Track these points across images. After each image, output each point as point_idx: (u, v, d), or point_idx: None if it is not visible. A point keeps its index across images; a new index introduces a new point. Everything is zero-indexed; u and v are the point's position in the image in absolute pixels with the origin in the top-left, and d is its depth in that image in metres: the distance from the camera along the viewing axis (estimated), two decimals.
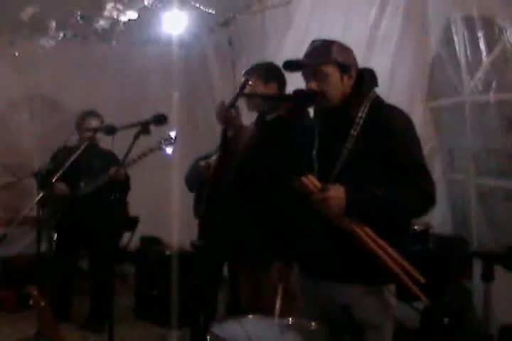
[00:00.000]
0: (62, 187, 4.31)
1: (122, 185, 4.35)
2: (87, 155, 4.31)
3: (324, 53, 2.22)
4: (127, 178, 4.38)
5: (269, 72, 2.96)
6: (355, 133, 2.11)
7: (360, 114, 2.14)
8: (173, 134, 4.09)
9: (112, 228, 4.33)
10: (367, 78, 2.24)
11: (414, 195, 2.02)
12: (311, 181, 2.05)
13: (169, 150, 4.13)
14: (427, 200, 2.06)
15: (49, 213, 4.46)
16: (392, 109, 2.19)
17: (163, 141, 4.14)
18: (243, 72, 3.02)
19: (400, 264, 1.99)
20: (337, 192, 1.99)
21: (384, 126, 2.09)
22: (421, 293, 1.96)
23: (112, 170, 4.09)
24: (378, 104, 2.19)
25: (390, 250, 1.99)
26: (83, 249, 4.61)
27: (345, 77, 2.19)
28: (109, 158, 4.35)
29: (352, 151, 2.10)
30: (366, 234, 2.00)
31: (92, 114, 4.48)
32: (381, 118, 2.12)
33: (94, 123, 4.39)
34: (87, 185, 4.36)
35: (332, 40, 2.27)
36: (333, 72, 2.20)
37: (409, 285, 1.96)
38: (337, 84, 2.19)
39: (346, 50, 2.24)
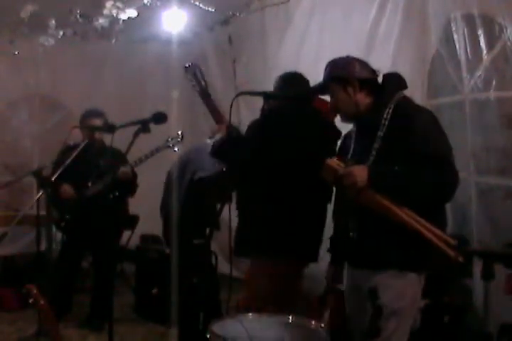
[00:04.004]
0: (67, 190, 4.30)
1: (130, 184, 4.34)
2: (93, 154, 4.31)
3: (326, 73, 2.50)
4: (135, 177, 4.37)
5: None
6: (382, 134, 2.32)
7: (385, 116, 2.33)
8: (180, 132, 4.11)
9: (114, 227, 4.33)
10: (389, 83, 2.43)
11: (431, 177, 2.16)
12: (335, 162, 2.31)
13: (177, 148, 4.14)
14: (444, 184, 2.19)
15: (50, 212, 4.46)
16: (417, 108, 2.40)
17: (170, 139, 4.14)
18: None
19: (431, 230, 2.13)
20: (360, 167, 2.22)
21: (407, 124, 2.26)
22: (452, 252, 2.08)
23: (121, 170, 4.08)
24: (404, 104, 2.37)
25: (417, 217, 2.15)
26: (87, 249, 4.58)
27: (350, 89, 2.40)
28: (117, 156, 4.31)
29: (379, 150, 2.31)
30: (391, 204, 2.17)
31: (95, 112, 4.45)
32: (405, 118, 2.29)
33: (97, 122, 4.36)
34: (94, 184, 4.32)
35: (338, 57, 2.49)
36: (336, 89, 2.45)
37: (442, 247, 2.09)
38: (344, 98, 2.43)
39: (349, 63, 2.43)
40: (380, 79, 2.47)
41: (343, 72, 2.42)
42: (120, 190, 4.24)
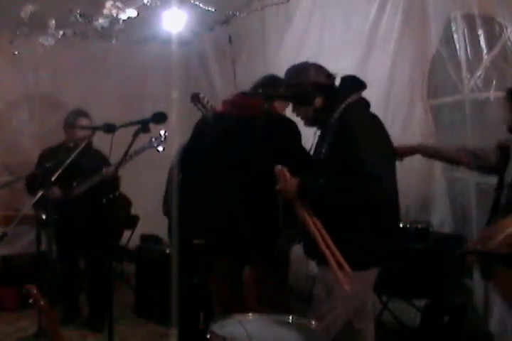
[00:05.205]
0: (54, 190, 4.23)
1: (114, 185, 4.35)
2: (78, 155, 4.29)
3: (285, 80, 2.67)
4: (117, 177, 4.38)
5: None
6: (328, 139, 2.47)
7: (332, 121, 2.48)
8: (162, 132, 4.10)
9: (106, 227, 4.31)
10: (342, 87, 2.55)
11: (349, 185, 2.33)
12: (281, 170, 2.51)
13: (160, 148, 4.15)
14: (360, 190, 2.32)
15: (49, 213, 4.45)
16: (356, 116, 2.46)
17: (154, 139, 4.14)
18: None
19: (332, 250, 2.33)
20: (292, 182, 2.46)
21: (342, 131, 2.42)
22: (343, 280, 2.26)
23: (106, 170, 4.09)
24: (351, 109, 2.47)
25: (326, 236, 2.37)
26: (80, 249, 4.56)
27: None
28: (98, 156, 4.32)
29: (325, 155, 2.48)
30: (311, 219, 2.42)
31: (82, 113, 4.44)
32: (343, 124, 2.44)
33: (85, 121, 4.36)
34: (79, 185, 4.28)
35: (296, 64, 2.63)
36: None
37: (334, 269, 2.29)
38: (300, 107, 2.60)
39: (303, 70, 2.57)
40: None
41: (298, 79, 2.55)
42: (112, 190, 4.26)
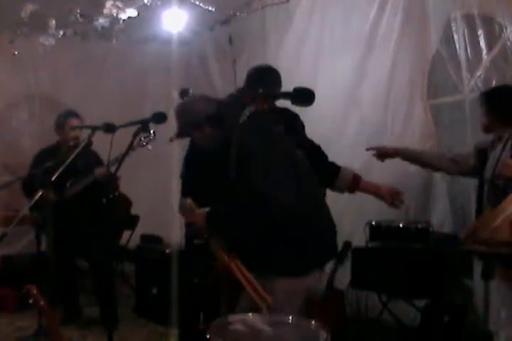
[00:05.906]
0: (49, 194, 4.18)
1: (113, 185, 4.34)
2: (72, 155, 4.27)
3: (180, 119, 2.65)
4: (112, 177, 4.36)
5: None
6: (232, 164, 2.43)
7: (233, 142, 2.41)
8: (151, 131, 4.10)
9: (106, 227, 4.31)
10: (231, 108, 2.53)
11: (244, 209, 2.33)
12: (190, 205, 2.55)
13: (150, 147, 4.14)
14: (261, 211, 2.29)
15: (45, 215, 4.44)
16: (247, 132, 2.41)
17: (143, 138, 4.13)
18: None
19: (248, 279, 2.38)
20: (199, 215, 2.48)
21: (234, 150, 2.39)
22: (265, 309, 2.30)
23: (98, 171, 4.08)
24: (245, 126, 2.43)
25: (240, 266, 2.41)
26: (79, 250, 4.55)
27: (202, 128, 2.52)
28: (91, 156, 4.31)
29: (231, 180, 2.43)
30: (225, 254, 2.45)
31: (72, 113, 4.45)
32: (236, 146, 2.40)
33: (76, 122, 4.35)
34: (72, 185, 4.27)
35: (184, 101, 2.70)
36: (190, 131, 2.61)
37: (252, 296, 2.33)
38: (200, 137, 2.54)
39: (193, 106, 2.57)
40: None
41: (190, 117, 2.52)
42: (111, 190, 4.24)
